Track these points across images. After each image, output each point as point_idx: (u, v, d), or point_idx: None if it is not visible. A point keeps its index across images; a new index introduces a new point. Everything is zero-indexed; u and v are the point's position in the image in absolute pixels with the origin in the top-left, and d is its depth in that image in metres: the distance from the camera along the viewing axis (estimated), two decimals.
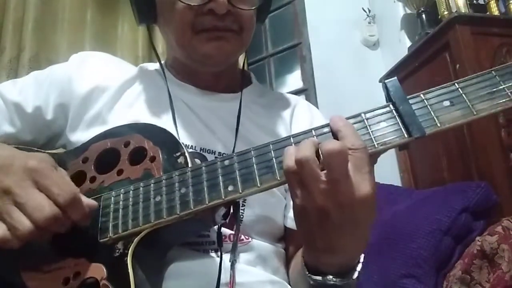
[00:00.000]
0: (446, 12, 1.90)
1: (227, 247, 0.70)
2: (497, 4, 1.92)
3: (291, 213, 0.81)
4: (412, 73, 1.99)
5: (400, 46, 2.21)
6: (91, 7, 2.21)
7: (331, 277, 0.55)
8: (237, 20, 0.76)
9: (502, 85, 0.50)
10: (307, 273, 0.57)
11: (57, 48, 2.08)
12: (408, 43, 2.17)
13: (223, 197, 0.54)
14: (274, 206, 0.81)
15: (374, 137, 0.51)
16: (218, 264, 0.65)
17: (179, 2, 0.73)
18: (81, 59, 0.87)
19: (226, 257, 0.68)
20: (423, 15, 2.04)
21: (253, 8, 0.78)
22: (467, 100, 0.50)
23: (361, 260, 0.57)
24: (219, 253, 0.68)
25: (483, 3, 2.00)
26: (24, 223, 0.51)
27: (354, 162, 0.48)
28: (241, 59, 0.93)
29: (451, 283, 1.24)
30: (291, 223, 0.81)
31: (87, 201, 0.57)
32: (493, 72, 0.51)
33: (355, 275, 0.56)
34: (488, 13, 1.92)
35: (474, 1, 2.02)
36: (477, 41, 1.70)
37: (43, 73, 0.87)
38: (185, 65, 0.85)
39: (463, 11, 1.86)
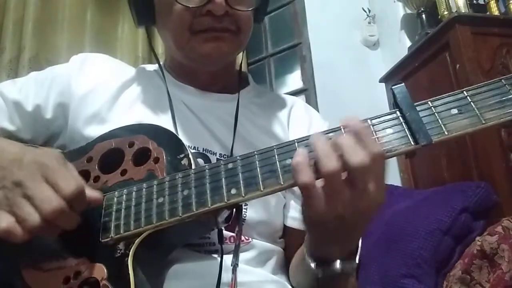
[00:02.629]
0: (446, 12, 1.90)
1: (228, 248, 0.70)
2: (497, 4, 1.92)
3: (291, 213, 0.82)
4: (412, 73, 1.99)
5: (400, 46, 2.21)
6: (91, 7, 2.21)
7: (338, 262, 0.58)
8: (234, 21, 0.77)
9: (511, 94, 0.50)
10: (313, 266, 0.60)
11: (57, 48, 2.09)
12: (408, 43, 2.16)
13: (225, 200, 0.54)
14: (276, 207, 0.81)
15: (380, 143, 0.51)
16: (219, 265, 0.65)
17: (177, 4, 0.74)
18: (81, 60, 0.87)
19: (227, 257, 0.68)
20: (423, 15, 2.04)
21: (250, 9, 0.78)
22: (475, 109, 0.50)
23: (360, 244, 0.61)
24: (220, 254, 0.68)
25: (483, 3, 2.00)
26: (33, 215, 0.52)
27: (376, 172, 0.49)
28: (238, 60, 0.93)
29: (451, 283, 1.25)
30: (291, 222, 0.82)
31: (91, 193, 0.58)
32: (502, 80, 0.51)
33: (357, 259, 0.60)
34: (488, 13, 1.92)
35: (474, 1, 2.02)
36: (477, 41, 1.70)
37: (43, 73, 0.87)
38: (183, 66, 0.85)
39: (463, 11, 1.85)
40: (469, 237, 1.32)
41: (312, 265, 0.60)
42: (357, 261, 0.59)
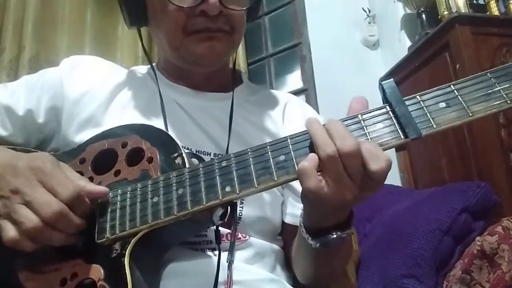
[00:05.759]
0: (446, 12, 1.90)
1: (225, 246, 0.70)
2: (497, 4, 1.92)
3: (289, 209, 0.82)
4: (412, 73, 1.99)
5: (400, 46, 2.20)
6: (91, 7, 2.22)
7: (334, 232, 0.59)
8: (228, 21, 0.77)
9: (497, 87, 0.51)
10: (310, 238, 0.61)
11: (57, 48, 2.09)
12: (408, 43, 2.16)
13: (220, 198, 0.54)
14: (272, 204, 0.81)
15: (370, 138, 0.52)
16: (216, 263, 0.65)
17: (171, 4, 0.73)
18: (72, 63, 0.87)
19: (224, 256, 0.68)
20: (423, 15, 2.04)
21: (244, 8, 0.78)
22: (462, 102, 0.51)
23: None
24: (216, 252, 0.68)
25: (483, 3, 1.99)
26: (31, 219, 0.52)
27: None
28: (232, 58, 0.93)
29: (451, 283, 1.24)
30: (290, 219, 0.82)
31: (95, 187, 0.59)
32: (488, 74, 0.52)
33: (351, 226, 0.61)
34: (488, 13, 1.92)
35: (474, 1, 2.01)
36: (477, 41, 1.69)
37: (35, 77, 0.86)
38: (176, 67, 0.85)
39: (463, 11, 1.85)
40: (469, 237, 1.31)
41: (310, 239, 0.61)
42: (352, 227, 0.61)
